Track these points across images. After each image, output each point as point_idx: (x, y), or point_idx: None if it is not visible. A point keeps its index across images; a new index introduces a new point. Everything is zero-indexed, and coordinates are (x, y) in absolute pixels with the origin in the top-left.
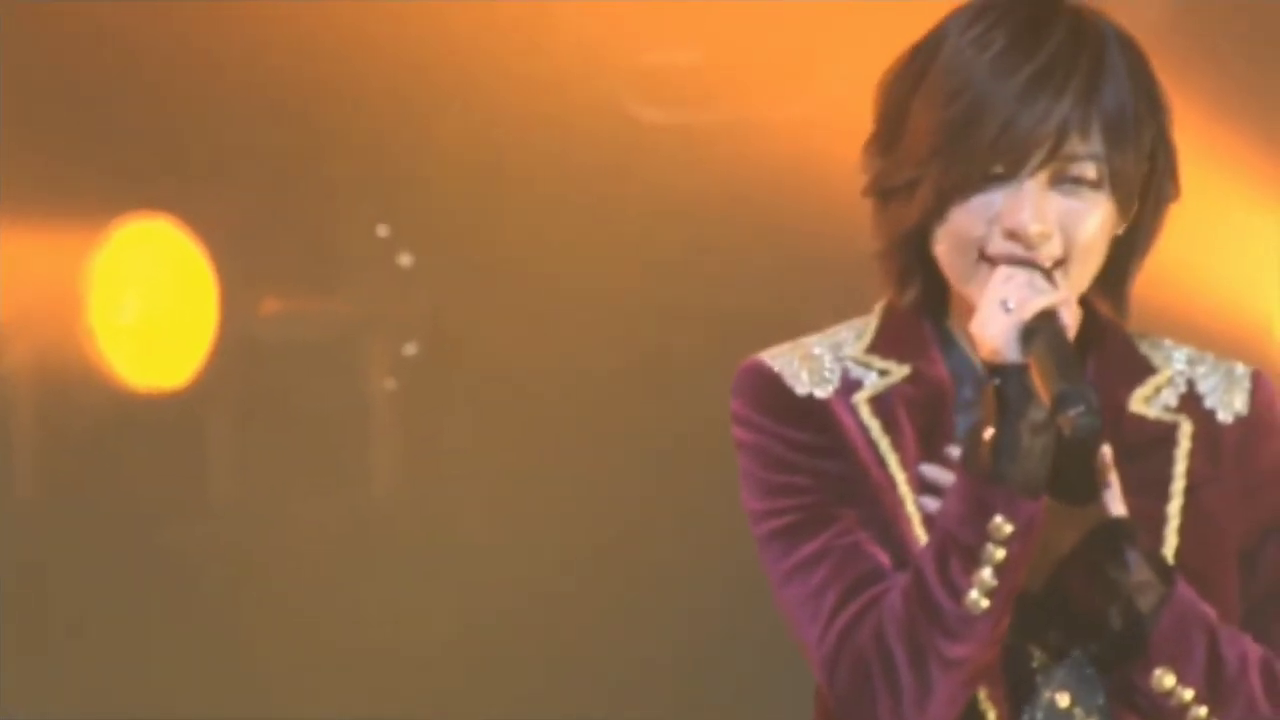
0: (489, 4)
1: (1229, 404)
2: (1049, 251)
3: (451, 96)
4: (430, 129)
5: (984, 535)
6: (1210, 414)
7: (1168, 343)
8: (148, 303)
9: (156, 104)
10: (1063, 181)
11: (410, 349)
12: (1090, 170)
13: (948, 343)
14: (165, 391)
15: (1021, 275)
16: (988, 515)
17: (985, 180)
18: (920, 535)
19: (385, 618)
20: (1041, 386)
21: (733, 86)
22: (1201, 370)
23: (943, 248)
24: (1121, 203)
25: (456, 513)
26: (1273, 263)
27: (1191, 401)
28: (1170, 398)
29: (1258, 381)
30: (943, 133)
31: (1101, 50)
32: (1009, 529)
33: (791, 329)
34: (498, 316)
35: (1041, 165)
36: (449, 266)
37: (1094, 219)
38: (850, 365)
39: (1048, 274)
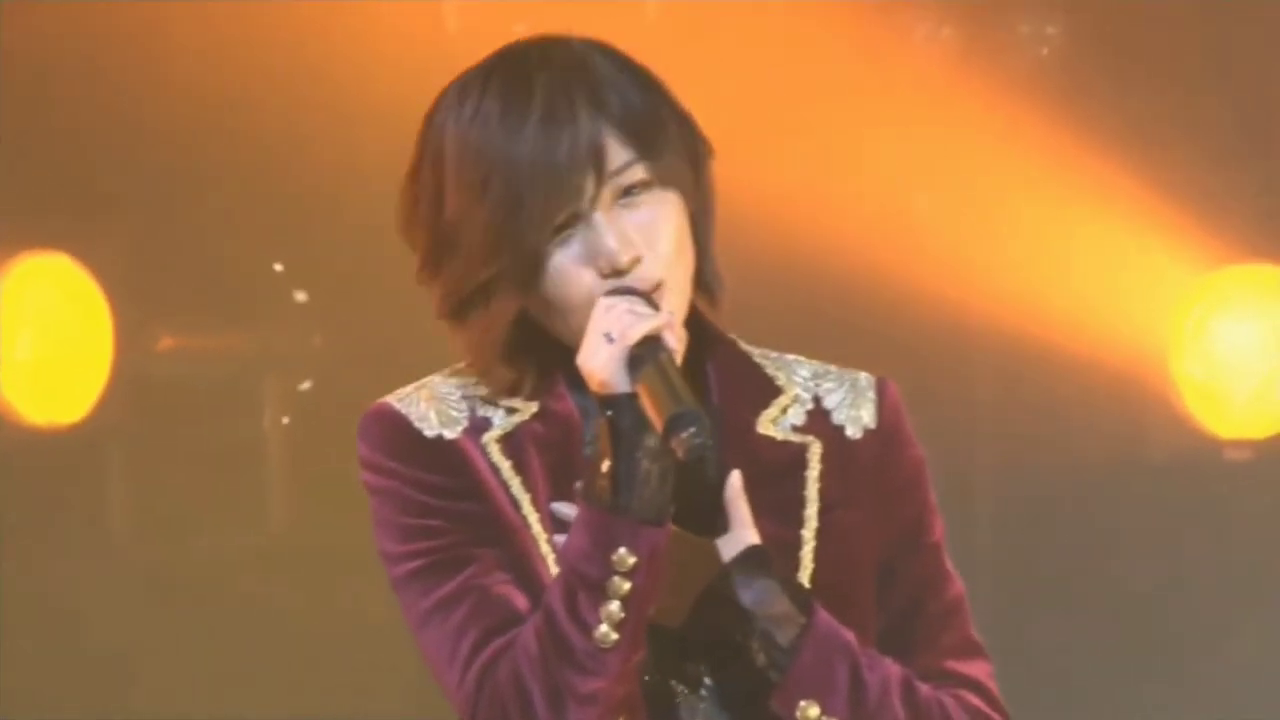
0: (382, 41)
1: (857, 419)
2: (647, 273)
3: (347, 134)
4: (327, 165)
5: (608, 568)
6: (839, 430)
7: (791, 358)
8: (44, 338)
9: (52, 140)
10: (622, 196)
11: (306, 385)
12: (639, 171)
13: (572, 377)
14: (61, 427)
15: (622, 304)
16: (611, 548)
17: (558, 234)
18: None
19: (281, 651)
20: (653, 413)
21: None
22: (827, 385)
23: (559, 322)
24: (681, 189)
25: (352, 548)
26: (1167, 296)
27: (819, 419)
28: (797, 416)
29: (883, 391)
30: (491, 228)
31: (586, 67)
32: (632, 560)
33: None
34: (393, 352)
35: (599, 196)
36: (344, 303)
37: (667, 217)
38: (478, 404)
39: (648, 298)
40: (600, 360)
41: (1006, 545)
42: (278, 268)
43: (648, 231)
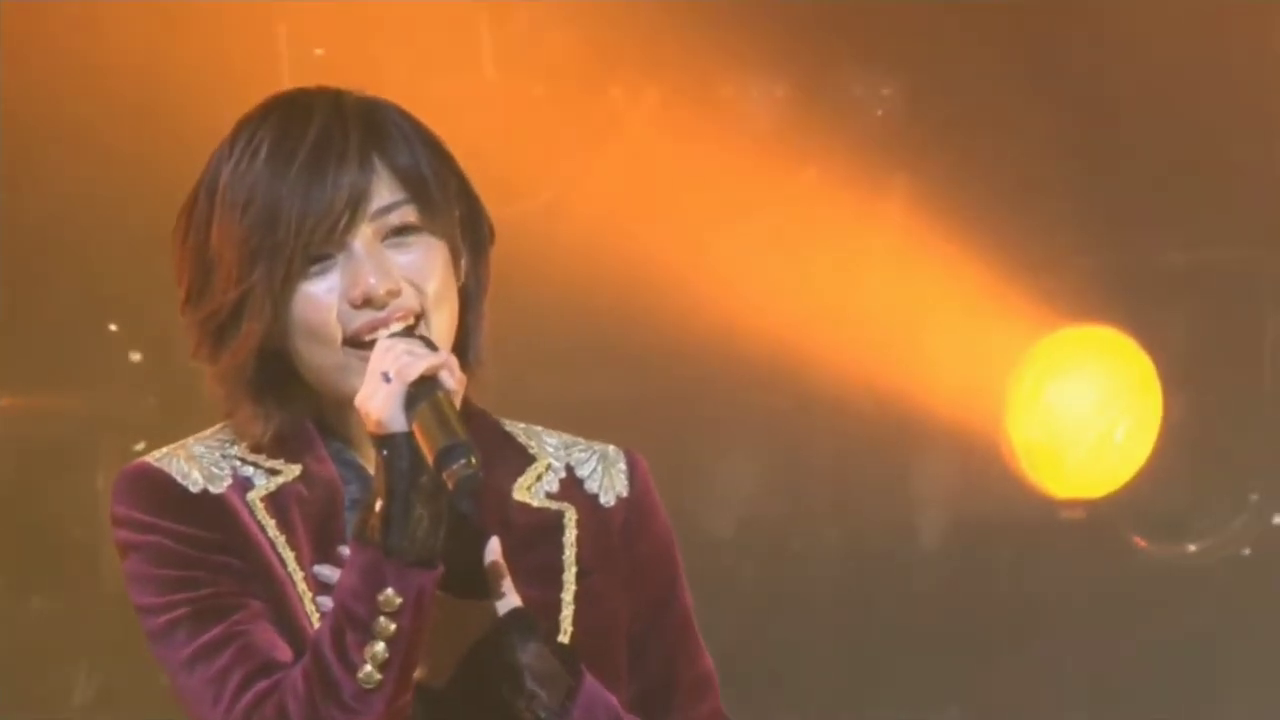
0: (221, 108)
1: (610, 487)
2: (405, 305)
3: (184, 194)
4: (162, 225)
5: (375, 608)
6: (593, 498)
7: (538, 429)
8: None
9: None
10: (389, 235)
11: (140, 445)
12: (410, 214)
13: (331, 442)
14: None
15: (400, 344)
16: (379, 588)
17: (315, 264)
18: None
19: (118, 706)
20: (427, 449)
21: (484, 180)
22: (579, 455)
23: (304, 354)
24: (450, 244)
25: None
26: (1002, 358)
27: (573, 487)
28: (551, 484)
29: (633, 463)
30: (249, 242)
31: (371, 114)
32: (399, 601)
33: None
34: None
35: (357, 224)
36: (179, 363)
37: (433, 261)
38: (239, 464)
39: (427, 341)
40: (378, 400)
41: (843, 600)
42: (112, 328)
43: (413, 270)
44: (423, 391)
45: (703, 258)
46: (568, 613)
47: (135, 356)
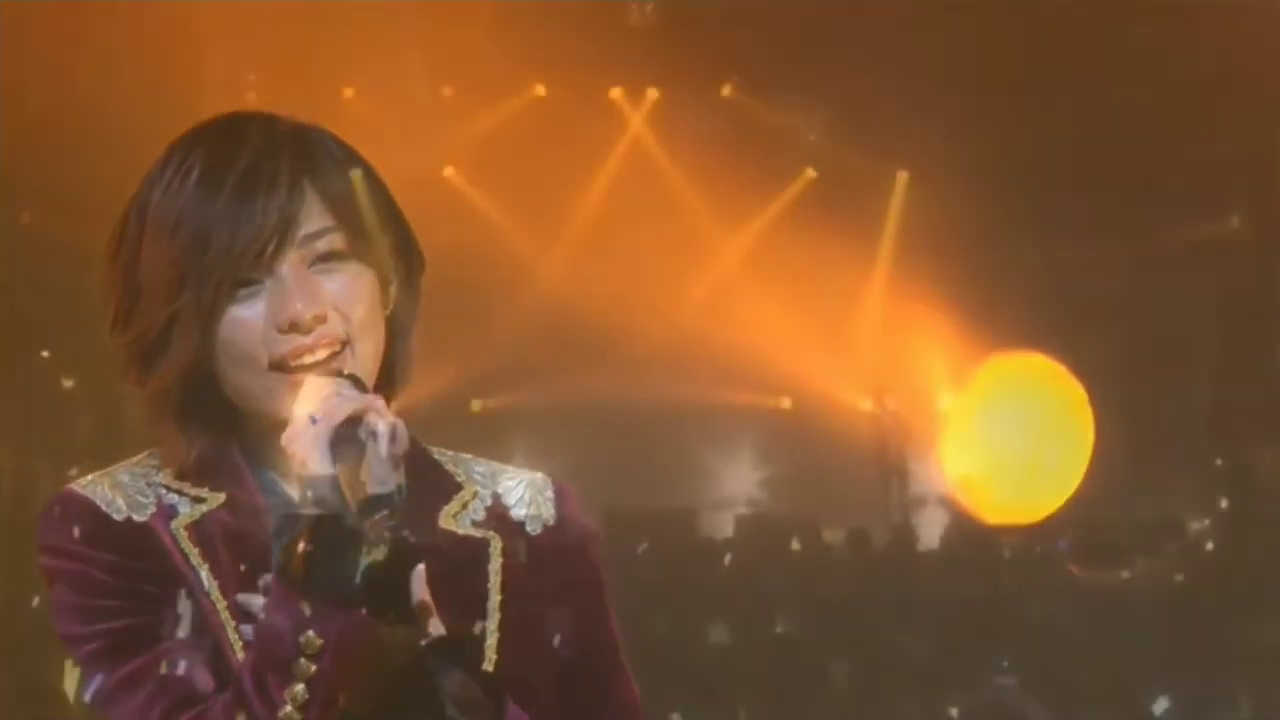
0: (155, 139)
1: (536, 514)
2: (331, 332)
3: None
4: (95, 250)
5: (296, 649)
6: (520, 525)
7: (466, 456)
8: None
9: None
10: (317, 261)
11: (74, 472)
12: (337, 240)
13: (258, 469)
14: None
15: (328, 385)
16: (300, 629)
17: (243, 288)
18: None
19: None
20: (350, 494)
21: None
22: (506, 483)
23: (230, 378)
24: (379, 272)
25: None
26: (937, 385)
27: (499, 514)
28: (477, 512)
29: (561, 492)
30: (179, 264)
31: (304, 140)
32: (319, 642)
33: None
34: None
35: (285, 250)
36: (112, 389)
37: (360, 288)
38: (163, 491)
39: (357, 381)
40: (304, 441)
41: (776, 625)
42: (45, 354)
43: (339, 297)
44: (349, 434)
45: (699, 264)
46: (492, 641)
47: (68, 383)
